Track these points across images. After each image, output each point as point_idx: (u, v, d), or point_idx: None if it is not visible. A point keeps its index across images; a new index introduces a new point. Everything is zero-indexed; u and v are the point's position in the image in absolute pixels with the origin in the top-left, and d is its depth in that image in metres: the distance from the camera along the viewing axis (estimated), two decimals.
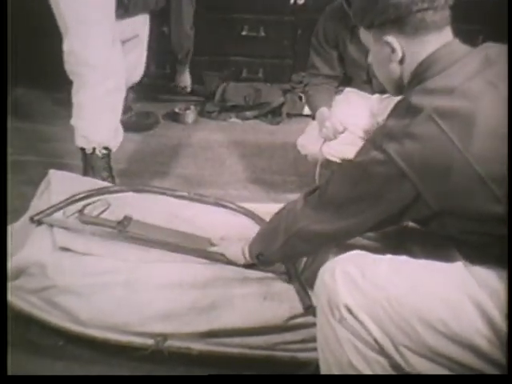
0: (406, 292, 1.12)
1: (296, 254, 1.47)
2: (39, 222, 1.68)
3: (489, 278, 1.10)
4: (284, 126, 3.16)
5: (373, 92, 2.25)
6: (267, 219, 1.70)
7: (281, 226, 1.34)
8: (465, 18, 1.24)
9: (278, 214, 1.44)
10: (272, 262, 1.50)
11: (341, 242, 1.42)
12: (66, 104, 2.18)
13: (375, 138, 1.13)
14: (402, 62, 1.20)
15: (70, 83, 2.14)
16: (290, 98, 3.23)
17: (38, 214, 1.70)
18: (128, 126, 2.67)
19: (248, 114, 3.21)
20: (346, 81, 2.31)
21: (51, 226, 1.67)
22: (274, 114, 3.21)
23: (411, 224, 1.47)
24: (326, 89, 2.24)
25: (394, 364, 1.15)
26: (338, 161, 2.11)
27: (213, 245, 1.63)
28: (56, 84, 2.16)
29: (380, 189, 1.13)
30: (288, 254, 1.43)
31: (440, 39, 1.15)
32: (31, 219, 1.68)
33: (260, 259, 1.46)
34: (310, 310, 1.42)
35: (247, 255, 1.51)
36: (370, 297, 1.13)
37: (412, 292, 1.13)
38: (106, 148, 2.26)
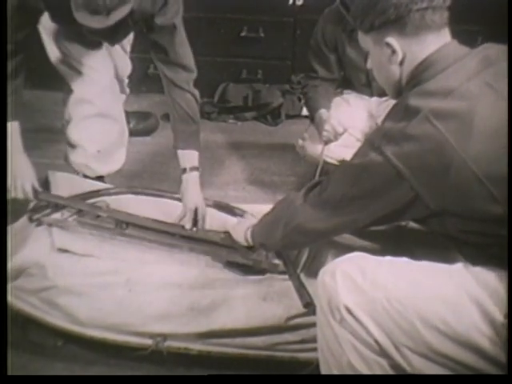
0: (407, 292, 1.13)
1: (295, 245, 1.54)
2: (39, 222, 1.69)
3: (488, 278, 1.10)
4: (283, 127, 3.16)
5: (372, 95, 2.25)
6: None
7: (281, 220, 1.37)
8: (464, 18, 1.24)
9: (279, 204, 1.48)
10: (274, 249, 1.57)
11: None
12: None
13: (373, 140, 1.14)
14: (401, 63, 1.20)
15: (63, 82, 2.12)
16: (289, 99, 3.23)
17: (36, 213, 1.70)
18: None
19: (247, 114, 3.21)
20: (346, 83, 2.31)
21: (50, 225, 1.68)
22: (272, 115, 3.21)
23: (411, 225, 1.48)
24: (324, 90, 2.24)
25: (393, 365, 1.15)
26: (337, 163, 2.11)
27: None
28: (56, 84, 2.15)
29: (378, 189, 1.14)
30: (287, 246, 1.49)
31: (439, 40, 1.16)
32: (30, 219, 1.69)
33: (262, 247, 1.52)
34: (309, 307, 1.42)
35: (249, 239, 1.54)
36: (371, 297, 1.13)
37: (413, 292, 1.13)
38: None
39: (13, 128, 1.72)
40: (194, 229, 1.73)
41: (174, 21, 1.71)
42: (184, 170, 1.79)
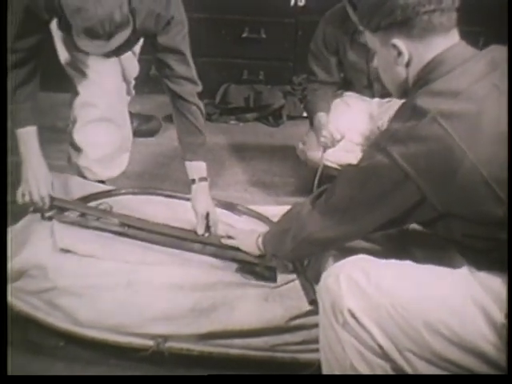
0: (411, 297, 1.13)
1: (305, 255, 1.55)
2: (49, 218, 1.71)
3: (493, 283, 1.10)
4: (284, 128, 3.16)
5: (373, 96, 2.24)
6: None
7: (290, 232, 1.37)
8: (465, 19, 1.24)
9: (287, 215, 1.47)
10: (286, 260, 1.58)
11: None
12: (67, 104, 2.17)
13: (379, 141, 1.13)
14: (408, 64, 1.19)
15: (70, 83, 2.12)
16: (290, 100, 3.24)
17: (42, 211, 1.73)
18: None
19: (248, 116, 3.22)
20: (346, 85, 2.31)
21: (53, 224, 1.69)
22: (274, 116, 3.21)
23: (413, 227, 1.47)
24: (324, 93, 2.24)
25: (396, 368, 1.15)
26: (337, 167, 2.11)
27: (230, 237, 1.65)
28: (59, 85, 2.15)
29: (386, 192, 1.13)
30: (298, 256, 1.52)
31: (446, 41, 1.14)
32: (42, 215, 1.72)
33: (274, 257, 1.54)
34: (314, 304, 1.42)
35: (261, 247, 1.54)
36: (375, 301, 1.13)
37: (417, 297, 1.13)
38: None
39: (30, 133, 1.75)
40: (207, 234, 1.73)
41: (177, 39, 1.71)
42: (193, 181, 1.79)
